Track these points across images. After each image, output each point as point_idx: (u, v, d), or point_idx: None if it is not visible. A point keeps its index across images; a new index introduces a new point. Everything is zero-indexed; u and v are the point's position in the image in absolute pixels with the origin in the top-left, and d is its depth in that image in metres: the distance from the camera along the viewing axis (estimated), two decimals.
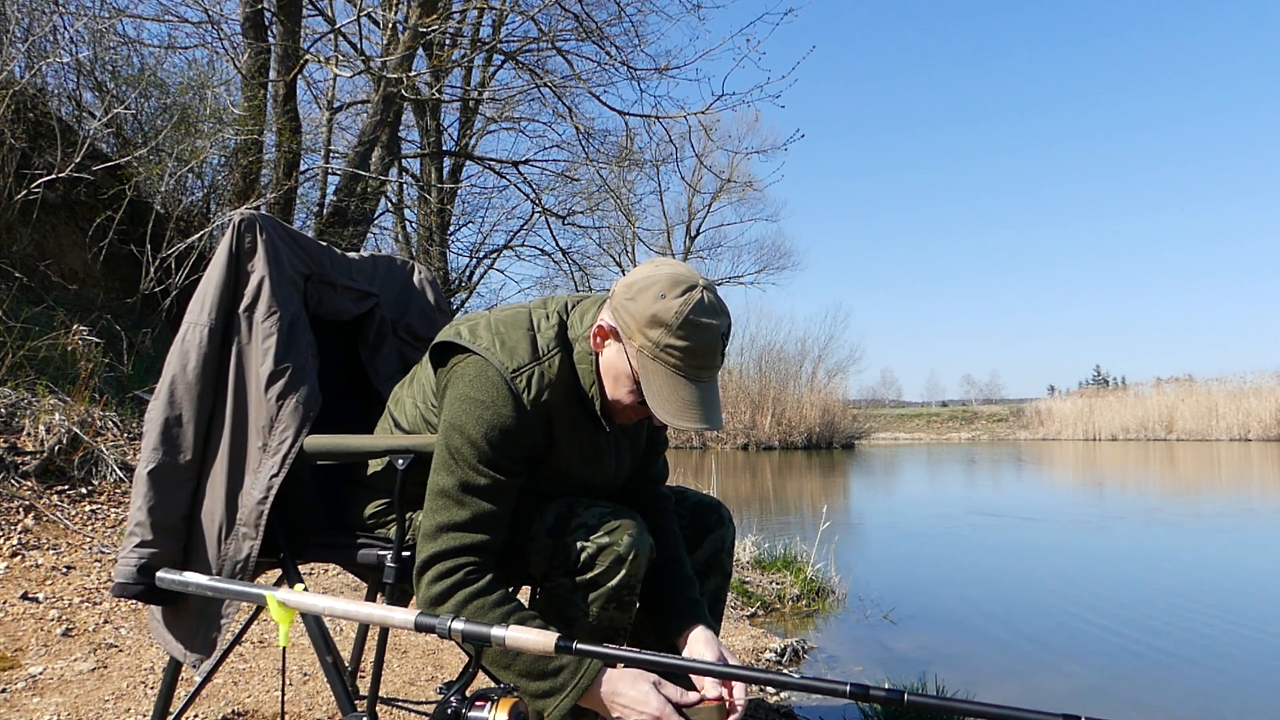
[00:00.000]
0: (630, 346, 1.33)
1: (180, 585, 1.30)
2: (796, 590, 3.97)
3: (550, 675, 1.27)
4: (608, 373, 1.39)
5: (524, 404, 1.34)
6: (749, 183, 26.06)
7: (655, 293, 1.31)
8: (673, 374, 1.31)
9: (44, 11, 6.19)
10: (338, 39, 9.29)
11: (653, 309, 1.30)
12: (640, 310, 1.31)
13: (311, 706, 2.21)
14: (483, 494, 1.32)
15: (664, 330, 1.29)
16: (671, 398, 1.30)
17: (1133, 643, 3.41)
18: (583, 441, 1.45)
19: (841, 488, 11.07)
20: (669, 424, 1.32)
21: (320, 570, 3.59)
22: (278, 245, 1.62)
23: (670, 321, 1.29)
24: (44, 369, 4.41)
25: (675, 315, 1.29)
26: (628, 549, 1.33)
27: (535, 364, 1.37)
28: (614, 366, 1.37)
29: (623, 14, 8.76)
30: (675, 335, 1.29)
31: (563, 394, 1.39)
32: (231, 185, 7.28)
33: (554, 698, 1.26)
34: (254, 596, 1.25)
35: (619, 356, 1.36)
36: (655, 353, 1.30)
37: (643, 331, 1.31)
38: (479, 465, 1.32)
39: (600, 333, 1.38)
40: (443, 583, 1.29)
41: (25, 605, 2.78)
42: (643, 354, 1.32)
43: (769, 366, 25.39)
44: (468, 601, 1.29)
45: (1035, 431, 37.26)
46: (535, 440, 1.38)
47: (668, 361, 1.30)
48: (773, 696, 2.58)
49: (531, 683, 1.28)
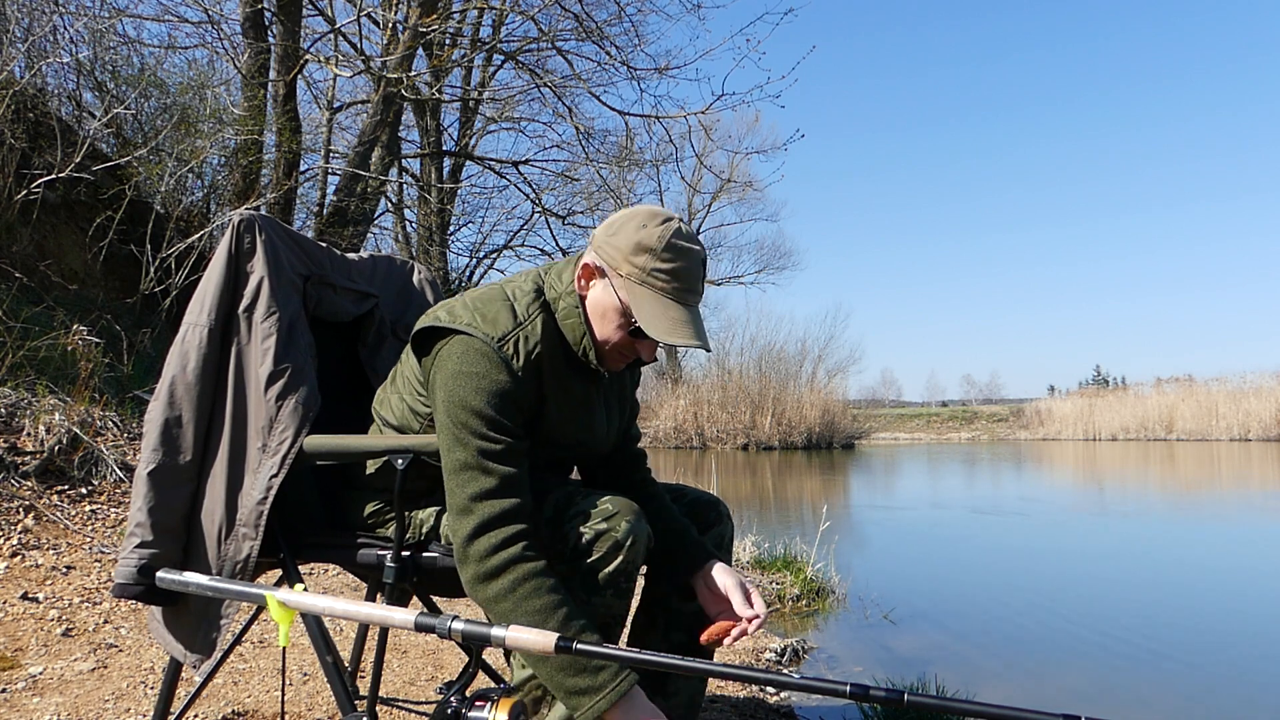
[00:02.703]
0: (617, 278, 1.37)
1: (180, 585, 1.31)
2: (796, 590, 3.97)
3: (591, 673, 1.25)
4: (595, 311, 1.41)
5: (515, 369, 1.36)
6: (749, 183, 26.11)
7: (636, 224, 1.37)
8: (661, 296, 1.35)
9: (44, 11, 6.20)
10: (338, 39, 9.29)
11: (637, 237, 1.35)
12: (624, 241, 1.36)
13: (311, 706, 2.21)
14: (504, 459, 1.33)
15: (650, 255, 1.35)
16: (663, 317, 1.35)
17: (1133, 642, 3.40)
18: (574, 400, 1.47)
19: (841, 488, 11.07)
20: (663, 341, 1.35)
21: (320, 570, 3.59)
22: (277, 246, 1.62)
23: (655, 246, 1.35)
24: (44, 369, 4.41)
25: (659, 240, 1.35)
26: (625, 535, 1.33)
27: (518, 329, 1.39)
28: (601, 303, 1.40)
29: (623, 14, 8.77)
30: (660, 259, 1.34)
31: (549, 354, 1.42)
32: (231, 185, 7.28)
33: (589, 697, 1.25)
34: (254, 596, 1.25)
35: (605, 292, 1.39)
36: (643, 278, 1.35)
37: (629, 260, 1.36)
38: (490, 433, 1.33)
39: (586, 273, 1.41)
40: (499, 555, 1.28)
41: (25, 605, 2.78)
42: (630, 281, 1.36)
43: (769, 366, 25.38)
44: (525, 580, 1.27)
45: (1035, 431, 37.26)
46: (530, 403, 1.40)
47: (655, 285, 1.35)
48: (773, 697, 2.58)
49: (570, 678, 1.25)
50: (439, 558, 1.47)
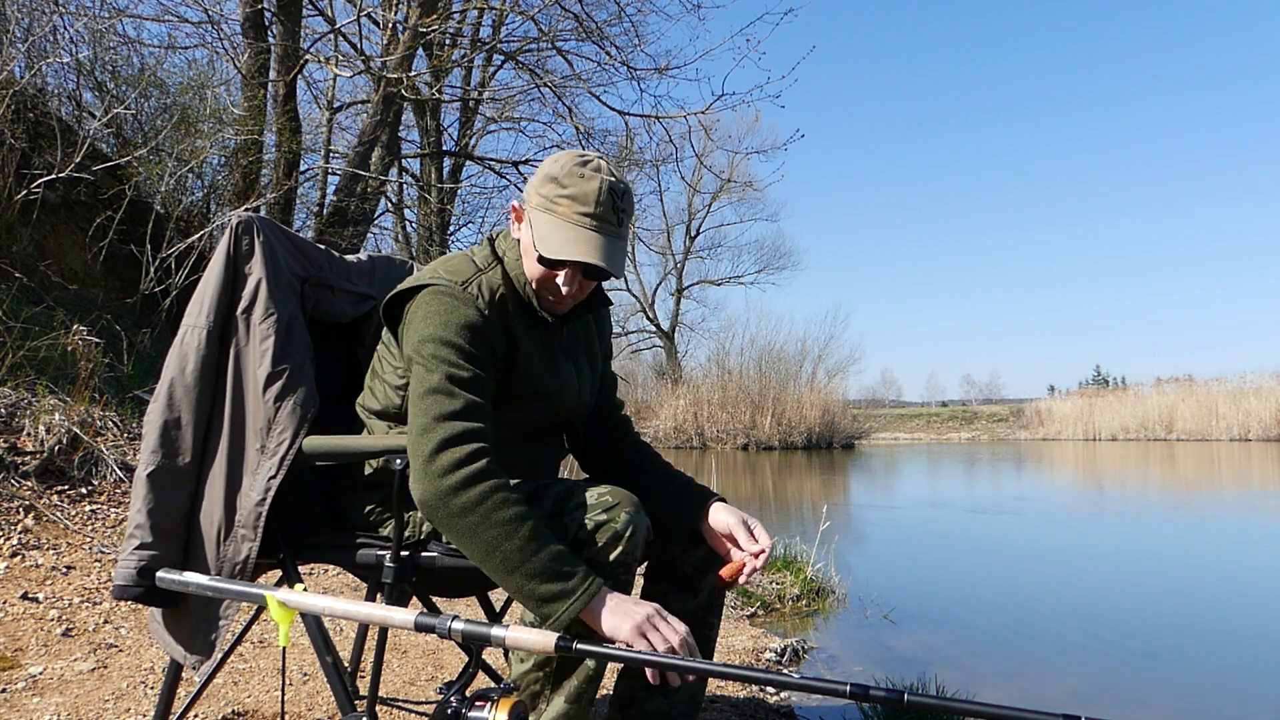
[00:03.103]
0: (529, 211, 1.43)
1: (180, 585, 1.31)
2: (796, 590, 3.97)
3: (562, 578, 1.24)
4: (525, 253, 1.46)
5: (480, 307, 1.41)
6: (749, 183, 26.14)
7: (551, 162, 1.44)
8: (560, 220, 1.39)
9: (44, 11, 6.20)
10: (338, 39, 9.29)
11: (546, 170, 1.43)
12: (537, 178, 1.44)
13: (311, 706, 2.22)
14: (470, 387, 1.35)
15: (554, 184, 1.40)
16: (555, 236, 1.39)
17: (1133, 642, 3.41)
18: (536, 347, 1.50)
19: (841, 488, 11.07)
20: (552, 258, 1.38)
21: (320, 570, 3.59)
22: (275, 247, 1.62)
23: (558, 175, 1.40)
24: (44, 369, 4.41)
25: (563, 168, 1.40)
26: (625, 525, 1.33)
27: (479, 274, 1.46)
28: (524, 242, 1.46)
29: (623, 14, 8.77)
30: (562, 185, 1.39)
31: (512, 298, 1.48)
32: (231, 185, 7.28)
33: (560, 602, 1.23)
34: (253, 596, 1.25)
35: (526, 230, 1.44)
36: (547, 205, 1.40)
37: (537, 192, 1.42)
38: (460, 361, 1.36)
39: (515, 217, 1.49)
40: (464, 470, 1.27)
41: (25, 605, 2.78)
42: (537, 210, 1.41)
43: (769, 366, 25.40)
44: (493, 493, 1.26)
45: (1035, 431, 37.25)
46: (498, 341, 1.43)
47: (557, 210, 1.39)
48: (773, 697, 2.58)
49: (541, 585, 1.24)
50: (438, 557, 1.47)
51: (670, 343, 32.63)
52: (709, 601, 1.62)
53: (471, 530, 1.26)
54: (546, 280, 1.45)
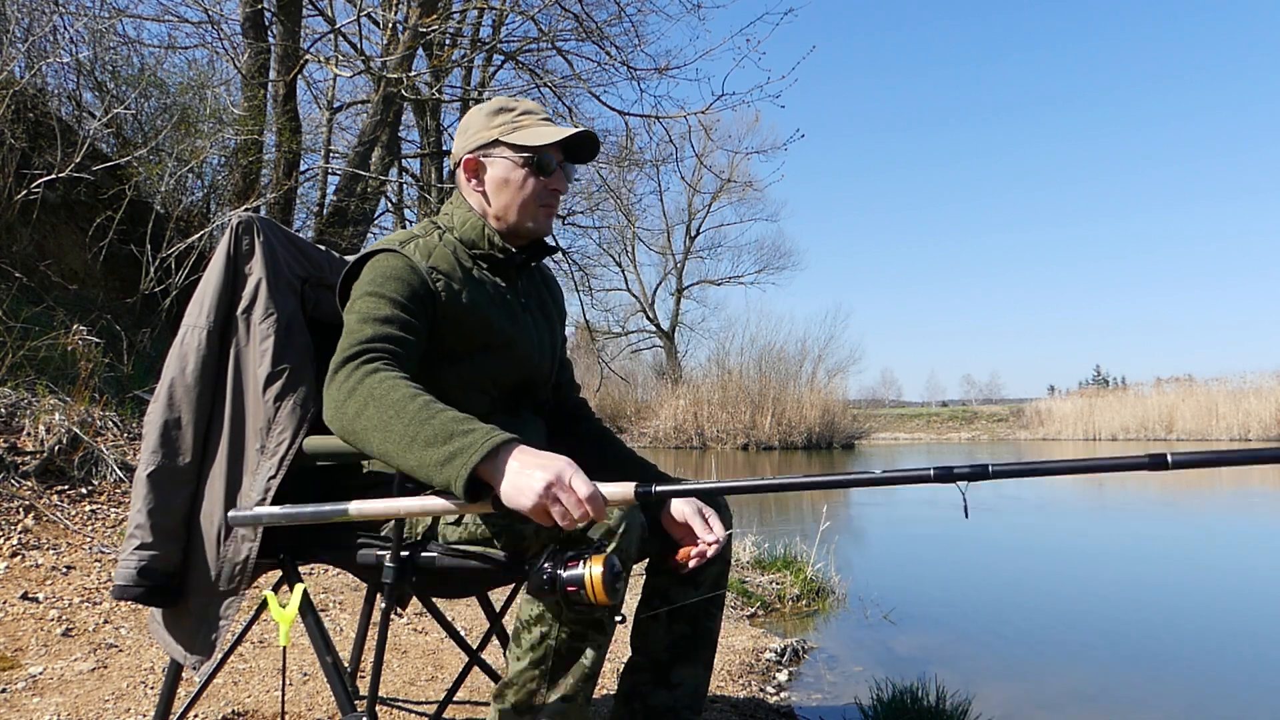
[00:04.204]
0: (496, 146, 1.54)
1: (253, 520, 1.38)
2: (796, 590, 3.97)
3: (462, 435, 1.21)
4: (500, 189, 1.55)
5: (415, 261, 1.48)
6: (749, 183, 26.13)
7: (476, 112, 1.58)
8: (532, 129, 1.54)
9: (44, 11, 6.19)
10: (338, 39, 9.29)
11: (481, 113, 1.57)
12: (478, 125, 1.56)
13: (311, 706, 2.22)
14: (384, 323, 1.40)
15: (501, 112, 1.55)
16: (538, 136, 1.52)
17: (1133, 642, 3.41)
18: (490, 295, 1.56)
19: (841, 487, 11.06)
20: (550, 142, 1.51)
21: (320, 570, 3.59)
22: (275, 247, 1.62)
23: (500, 106, 1.56)
24: (44, 369, 4.41)
25: (497, 103, 1.57)
26: (618, 522, 1.32)
27: (418, 238, 1.54)
28: (498, 178, 1.55)
29: (623, 14, 8.76)
30: (508, 109, 1.56)
31: (456, 256, 1.55)
32: (231, 185, 7.28)
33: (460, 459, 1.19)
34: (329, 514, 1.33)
35: (498, 164, 1.55)
36: (511, 129, 1.54)
37: (491, 128, 1.54)
38: (379, 303, 1.42)
39: (471, 169, 1.57)
40: (353, 376, 1.32)
41: (25, 605, 2.78)
42: (504, 134, 1.53)
43: (769, 366, 25.38)
44: (381, 382, 1.30)
45: (1035, 431, 37.23)
46: (436, 288, 1.48)
47: (524, 124, 1.54)
48: (772, 697, 2.58)
49: (440, 448, 1.20)
50: (438, 557, 1.47)
51: (670, 343, 32.63)
52: (711, 594, 1.62)
53: (367, 425, 1.27)
54: (541, 191, 1.55)
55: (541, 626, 1.31)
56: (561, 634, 1.30)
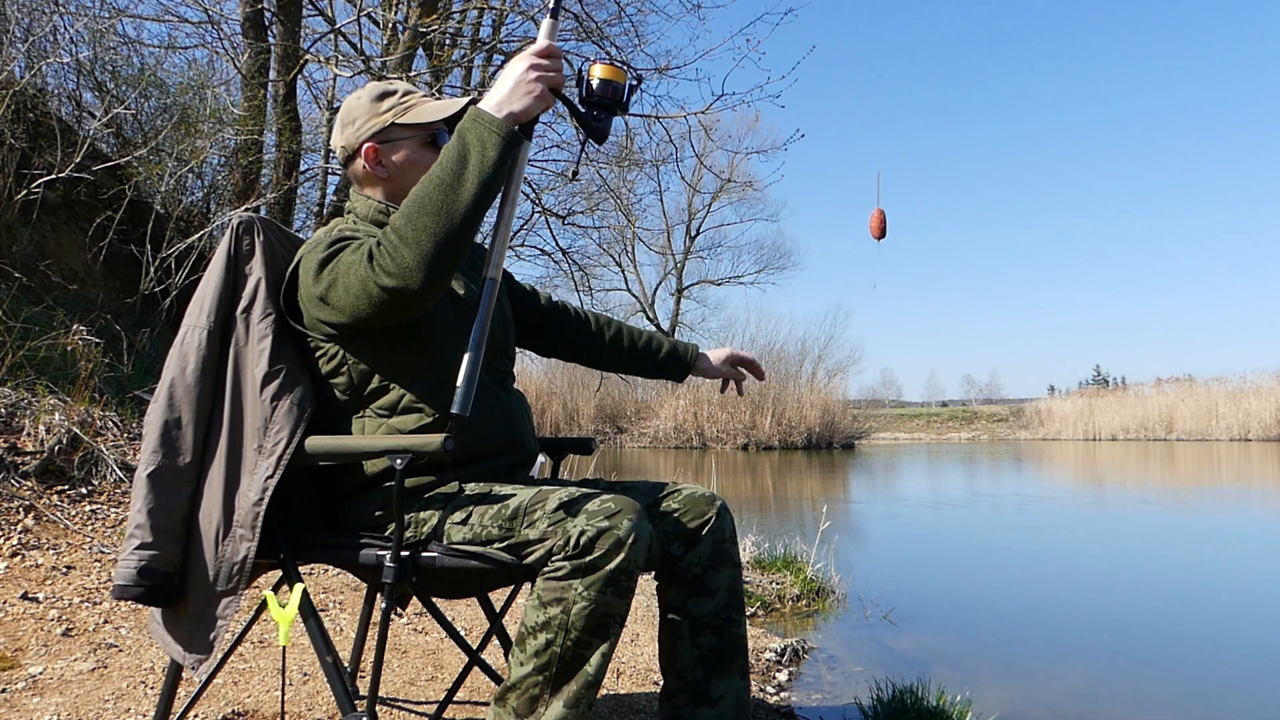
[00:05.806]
0: (394, 130, 1.58)
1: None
2: (796, 590, 3.97)
3: (463, 142, 1.34)
4: (408, 170, 1.58)
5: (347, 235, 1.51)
6: (749, 183, 26.05)
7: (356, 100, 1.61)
8: (425, 106, 1.59)
9: (44, 11, 6.19)
10: (338, 39, 9.28)
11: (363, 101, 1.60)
12: (365, 113, 1.59)
13: (311, 706, 2.22)
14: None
15: (385, 96, 1.59)
16: (434, 106, 1.59)
17: (1133, 642, 3.41)
18: None
19: (841, 488, 11.07)
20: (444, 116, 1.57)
21: (320, 570, 3.59)
22: (275, 247, 1.62)
23: (378, 92, 1.60)
24: (44, 369, 4.41)
25: (376, 88, 1.60)
26: (627, 533, 1.32)
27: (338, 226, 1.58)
28: (403, 160, 1.59)
29: (623, 14, 8.76)
30: (390, 92, 1.60)
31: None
32: (231, 185, 7.28)
33: (487, 143, 1.33)
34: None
35: (396, 150, 1.59)
36: (403, 111, 1.58)
37: (380, 116, 1.58)
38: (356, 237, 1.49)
39: (372, 158, 1.59)
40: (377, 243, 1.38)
41: (25, 605, 2.78)
42: (398, 117, 1.57)
43: (769, 366, 25.35)
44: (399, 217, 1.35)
45: (1035, 431, 37.23)
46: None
47: (413, 104, 1.59)
48: (772, 697, 2.58)
49: (469, 164, 1.33)
50: (439, 557, 1.47)
51: None
52: (728, 600, 1.60)
53: (428, 224, 1.31)
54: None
55: (547, 633, 1.31)
56: (567, 641, 1.30)
